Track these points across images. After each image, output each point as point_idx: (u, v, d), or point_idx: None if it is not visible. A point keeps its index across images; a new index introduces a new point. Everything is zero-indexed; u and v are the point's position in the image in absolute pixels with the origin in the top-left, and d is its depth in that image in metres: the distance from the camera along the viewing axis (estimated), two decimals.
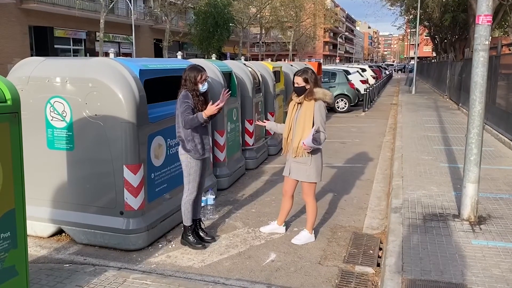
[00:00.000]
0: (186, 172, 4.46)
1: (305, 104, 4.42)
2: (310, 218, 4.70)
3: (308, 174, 4.51)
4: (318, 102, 4.39)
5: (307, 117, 4.38)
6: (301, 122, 4.42)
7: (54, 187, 4.63)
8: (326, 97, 4.43)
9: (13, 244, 2.83)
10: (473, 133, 4.80)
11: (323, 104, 4.43)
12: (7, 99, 2.75)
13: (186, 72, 4.37)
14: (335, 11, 72.97)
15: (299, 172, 4.54)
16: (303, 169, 4.50)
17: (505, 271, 3.72)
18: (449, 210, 5.24)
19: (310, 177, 4.52)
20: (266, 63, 9.89)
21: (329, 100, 4.46)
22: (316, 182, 4.59)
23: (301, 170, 4.52)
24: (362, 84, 19.82)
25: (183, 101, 4.27)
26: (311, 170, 4.49)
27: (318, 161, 4.52)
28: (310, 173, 4.50)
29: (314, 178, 4.53)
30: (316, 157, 4.50)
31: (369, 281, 3.89)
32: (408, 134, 10.81)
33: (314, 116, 4.37)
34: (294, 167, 4.57)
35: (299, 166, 4.51)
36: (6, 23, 24.62)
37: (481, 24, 4.65)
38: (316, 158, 4.50)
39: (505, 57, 10.68)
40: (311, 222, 4.72)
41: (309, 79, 4.42)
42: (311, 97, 4.39)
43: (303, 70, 4.51)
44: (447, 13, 26.65)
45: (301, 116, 4.43)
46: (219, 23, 33.03)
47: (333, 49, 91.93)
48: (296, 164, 4.53)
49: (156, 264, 4.24)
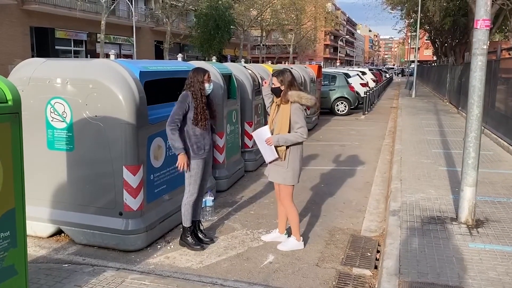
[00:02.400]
0: (186, 173, 4.47)
1: (282, 107, 4.34)
2: (291, 223, 4.58)
3: (285, 177, 4.41)
4: (294, 104, 4.28)
5: (284, 119, 4.30)
6: (278, 125, 4.35)
7: (54, 187, 4.65)
8: (302, 100, 4.27)
9: (13, 243, 2.85)
10: (471, 136, 4.83)
11: (299, 106, 4.29)
12: (8, 100, 2.77)
13: (192, 74, 4.41)
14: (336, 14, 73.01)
15: (276, 174, 4.46)
16: (280, 172, 4.42)
17: (502, 274, 3.74)
18: (447, 213, 5.26)
19: (286, 180, 4.42)
20: (266, 66, 9.93)
21: (306, 103, 4.29)
22: (293, 185, 4.47)
23: (279, 173, 4.43)
24: (362, 87, 19.84)
25: (180, 101, 4.33)
26: (288, 173, 4.39)
27: (296, 164, 4.40)
28: (286, 176, 4.40)
29: (290, 181, 4.42)
30: (294, 160, 4.38)
31: (367, 283, 3.91)
32: (408, 137, 10.83)
33: (291, 119, 4.28)
34: (272, 169, 4.49)
35: (277, 169, 4.43)
36: (8, 24, 24.67)
37: (480, 29, 4.68)
38: (294, 161, 4.38)
39: (505, 61, 10.71)
40: (294, 228, 4.59)
41: (283, 80, 4.33)
42: (285, 100, 4.30)
43: (280, 71, 4.43)
44: (448, 17, 26.69)
45: (278, 119, 4.36)
46: (220, 26, 33.06)
47: (333, 52, 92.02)
48: (275, 166, 4.45)
49: (155, 264, 4.25)
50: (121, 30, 34.08)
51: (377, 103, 23.01)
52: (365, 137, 12.19)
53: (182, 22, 40.19)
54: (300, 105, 4.32)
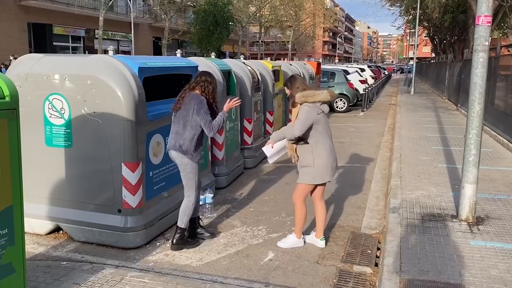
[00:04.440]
0: (188, 174, 4.35)
1: (294, 110, 4.41)
2: (296, 220, 4.58)
3: (300, 175, 4.45)
4: (303, 105, 4.27)
5: (294, 119, 4.37)
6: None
7: (52, 184, 4.62)
8: (308, 98, 4.24)
9: (11, 241, 2.82)
10: (472, 133, 4.80)
11: (305, 106, 4.24)
12: (5, 96, 2.73)
13: (205, 76, 4.32)
14: (335, 10, 73.00)
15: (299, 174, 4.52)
16: (300, 171, 4.48)
17: (503, 272, 3.73)
18: (447, 211, 5.25)
19: (299, 178, 4.46)
20: (265, 62, 9.88)
21: (314, 100, 4.23)
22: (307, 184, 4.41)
23: (300, 172, 4.50)
24: (361, 84, 19.82)
25: (200, 107, 4.17)
26: (301, 172, 4.43)
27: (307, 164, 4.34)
28: (300, 174, 4.44)
29: (300, 179, 4.43)
30: (303, 159, 4.35)
31: (367, 281, 3.89)
32: (407, 134, 10.81)
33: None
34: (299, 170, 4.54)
35: (300, 169, 4.49)
36: (5, 20, 24.57)
37: (481, 25, 4.65)
38: (303, 160, 4.35)
39: (504, 58, 10.69)
40: (297, 226, 4.57)
41: (289, 86, 4.40)
42: (294, 102, 4.34)
43: (287, 79, 4.54)
44: (447, 14, 26.67)
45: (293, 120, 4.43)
46: (218, 22, 32.97)
47: (332, 48, 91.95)
48: (299, 167, 4.51)
49: (154, 262, 4.23)
50: (119, 26, 33.98)
51: (376, 100, 23.00)
52: (364, 134, 12.17)
53: (181, 18, 40.06)
54: (312, 104, 4.23)
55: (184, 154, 4.29)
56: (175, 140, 4.30)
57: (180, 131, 4.28)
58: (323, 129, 4.36)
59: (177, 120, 4.30)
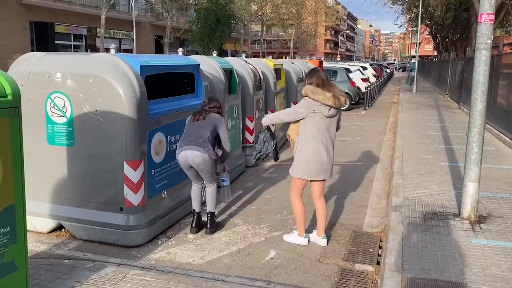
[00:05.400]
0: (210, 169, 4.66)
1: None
2: (295, 217, 4.57)
3: (292, 167, 4.43)
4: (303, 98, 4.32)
5: None
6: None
7: (54, 182, 4.62)
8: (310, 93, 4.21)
9: (13, 239, 2.83)
10: (474, 132, 4.79)
11: (304, 100, 4.26)
12: (7, 94, 2.74)
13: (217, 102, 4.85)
14: (337, 9, 72.83)
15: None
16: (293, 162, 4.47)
17: (505, 271, 3.72)
18: (449, 209, 5.24)
19: (291, 171, 4.44)
20: (267, 61, 9.86)
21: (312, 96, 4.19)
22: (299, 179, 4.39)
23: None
24: (363, 82, 19.79)
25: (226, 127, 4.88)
26: (294, 164, 4.40)
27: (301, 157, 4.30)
28: (293, 166, 4.41)
29: (293, 172, 4.42)
30: (300, 151, 4.32)
31: (369, 279, 3.89)
32: (409, 132, 10.79)
33: None
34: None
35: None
36: (7, 18, 24.58)
37: (484, 23, 4.64)
38: (300, 152, 4.32)
39: (507, 56, 10.66)
40: (296, 223, 4.57)
41: (307, 76, 4.45)
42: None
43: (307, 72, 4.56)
44: (449, 12, 26.59)
45: None
46: (220, 20, 32.93)
47: (334, 47, 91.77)
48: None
49: (156, 260, 4.24)
50: (121, 25, 33.98)
51: (378, 98, 22.96)
52: (366, 132, 12.16)
53: (182, 16, 40.03)
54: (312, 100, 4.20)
55: (209, 152, 4.56)
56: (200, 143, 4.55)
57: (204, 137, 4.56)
58: (316, 131, 4.24)
59: (198, 127, 4.61)
